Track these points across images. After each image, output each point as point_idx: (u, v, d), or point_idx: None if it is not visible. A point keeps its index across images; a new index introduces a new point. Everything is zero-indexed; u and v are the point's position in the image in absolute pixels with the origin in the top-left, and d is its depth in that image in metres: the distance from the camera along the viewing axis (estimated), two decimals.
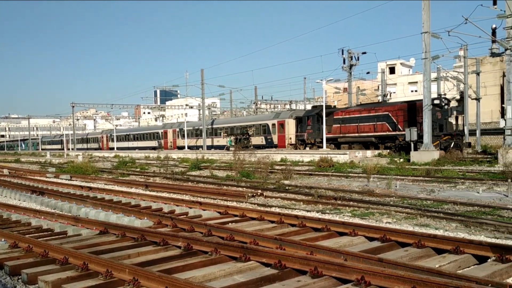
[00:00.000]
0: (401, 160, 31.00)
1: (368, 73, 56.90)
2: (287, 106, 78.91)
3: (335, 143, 42.04)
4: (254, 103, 76.07)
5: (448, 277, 5.40)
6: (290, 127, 48.20)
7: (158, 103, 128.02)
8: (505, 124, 26.81)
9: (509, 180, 16.81)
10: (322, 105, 49.28)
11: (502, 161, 25.14)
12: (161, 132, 73.15)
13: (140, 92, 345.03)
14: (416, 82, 68.09)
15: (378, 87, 62.33)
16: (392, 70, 76.31)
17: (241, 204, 14.44)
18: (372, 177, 21.43)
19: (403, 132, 34.60)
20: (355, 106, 46.13)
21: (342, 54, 47.04)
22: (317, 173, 25.68)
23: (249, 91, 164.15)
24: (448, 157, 28.62)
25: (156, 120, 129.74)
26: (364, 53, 47.51)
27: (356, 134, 39.71)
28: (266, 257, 6.78)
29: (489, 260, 6.71)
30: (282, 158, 37.68)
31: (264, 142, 51.70)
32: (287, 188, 19.20)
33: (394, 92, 67.84)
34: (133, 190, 19.18)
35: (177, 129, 69.32)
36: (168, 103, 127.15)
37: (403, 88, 70.16)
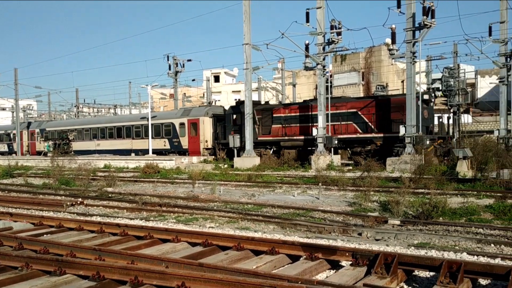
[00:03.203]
0: (225, 166, 31.98)
1: (193, 80, 57.92)
2: (112, 111, 76.47)
3: (276, 148, 34.08)
4: (75, 106, 72.31)
5: (263, 277, 5.68)
6: (206, 127, 38.75)
7: None
8: (317, 133, 29.20)
9: (320, 184, 18.38)
10: (253, 100, 40.35)
11: (314, 166, 27.34)
12: (13, 134, 57.89)
13: None
14: (240, 91, 70.94)
15: (204, 94, 63.68)
16: (217, 79, 78.56)
17: (59, 214, 13.61)
18: (198, 183, 21.78)
19: (381, 134, 28.96)
20: (307, 101, 36.25)
21: (168, 60, 47.00)
22: (142, 179, 25.29)
23: (69, 94, 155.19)
24: (267, 163, 30.26)
25: None
26: (190, 60, 48.07)
27: (310, 137, 31.57)
28: (84, 269, 6.45)
29: (301, 258, 7.20)
30: (105, 164, 36.40)
31: (168, 147, 41.16)
32: (110, 195, 18.62)
33: (219, 100, 69.82)
34: None
35: (37, 130, 55.76)
36: None
37: (227, 96, 72.67)
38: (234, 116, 36.22)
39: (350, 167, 27.25)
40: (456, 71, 46.17)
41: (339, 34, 28.67)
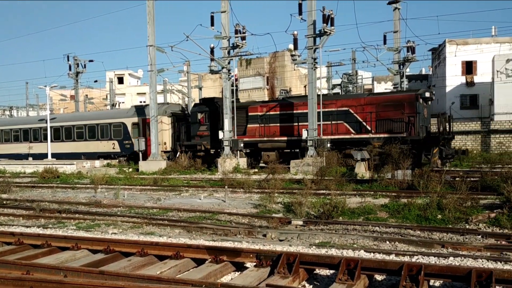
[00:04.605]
0: (130, 170, 31.25)
1: (96, 81, 55.93)
2: (7, 112, 72.00)
3: (251, 149, 30.53)
4: None
5: (167, 282, 5.63)
6: (164, 127, 34.50)
7: None
8: (223, 136, 29.34)
9: (226, 186, 18.50)
10: (219, 97, 36.34)
11: (221, 169, 27.46)
12: None
13: None
14: (145, 93, 69.69)
15: (107, 96, 61.82)
16: (120, 80, 76.58)
17: None
18: (100, 188, 21.13)
19: (379, 135, 26.05)
20: (286, 98, 32.55)
21: (68, 60, 45.08)
22: (40, 185, 24.08)
23: None
24: (174, 166, 29.93)
25: None
26: (91, 61, 46.50)
27: (294, 138, 28.70)
28: None
29: (206, 262, 7.21)
30: (0, 169, 34.24)
31: (118, 149, 36.78)
32: (4, 202, 17.58)
33: (123, 102, 68.23)
34: None
35: None
36: None
37: (132, 98, 71.10)
38: (200, 115, 32.46)
39: (256, 170, 27.66)
40: (354, 77, 48.59)
41: (243, 38, 29.04)
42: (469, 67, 47.99)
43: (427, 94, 26.39)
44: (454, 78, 45.80)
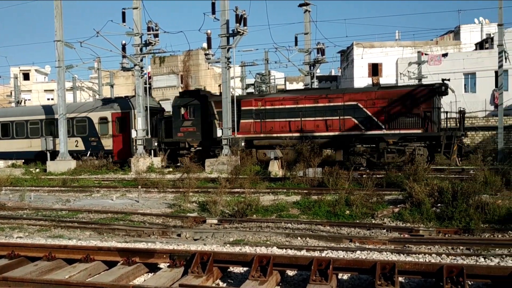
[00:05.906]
0: (37, 170, 29.85)
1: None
2: None
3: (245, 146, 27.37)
4: None
5: (76, 286, 5.47)
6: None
7: None
8: (136, 135, 28.75)
9: (140, 186, 18.18)
10: (207, 91, 33.89)
11: (134, 169, 26.91)
12: None
13: None
14: (53, 90, 66.74)
15: (12, 92, 58.51)
16: (26, 76, 72.93)
17: None
18: (4, 190, 20.08)
19: (393, 131, 24.08)
20: (285, 91, 30.15)
21: None
22: None
23: None
24: (84, 166, 28.92)
25: None
26: None
27: (297, 134, 26.04)
28: None
29: (118, 264, 7.05)
30: None
31: (82, 147, 32.11)
32: None
33: (29, 100, 64.99)
34: None
35: None
36: None
37: (39, 95, 67.85)
38: (184, 110, 29.33)
39: (171, 169, 27.36)
40: (267, 77, 49.34)
41: (156, 36, 28.57)
42: (375, 69, 50.34)
43: (443, 88, 24.45)
44: (361, 79, 47.80)
